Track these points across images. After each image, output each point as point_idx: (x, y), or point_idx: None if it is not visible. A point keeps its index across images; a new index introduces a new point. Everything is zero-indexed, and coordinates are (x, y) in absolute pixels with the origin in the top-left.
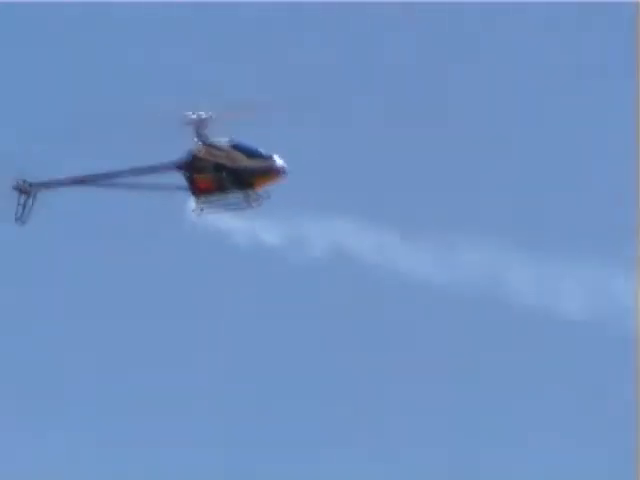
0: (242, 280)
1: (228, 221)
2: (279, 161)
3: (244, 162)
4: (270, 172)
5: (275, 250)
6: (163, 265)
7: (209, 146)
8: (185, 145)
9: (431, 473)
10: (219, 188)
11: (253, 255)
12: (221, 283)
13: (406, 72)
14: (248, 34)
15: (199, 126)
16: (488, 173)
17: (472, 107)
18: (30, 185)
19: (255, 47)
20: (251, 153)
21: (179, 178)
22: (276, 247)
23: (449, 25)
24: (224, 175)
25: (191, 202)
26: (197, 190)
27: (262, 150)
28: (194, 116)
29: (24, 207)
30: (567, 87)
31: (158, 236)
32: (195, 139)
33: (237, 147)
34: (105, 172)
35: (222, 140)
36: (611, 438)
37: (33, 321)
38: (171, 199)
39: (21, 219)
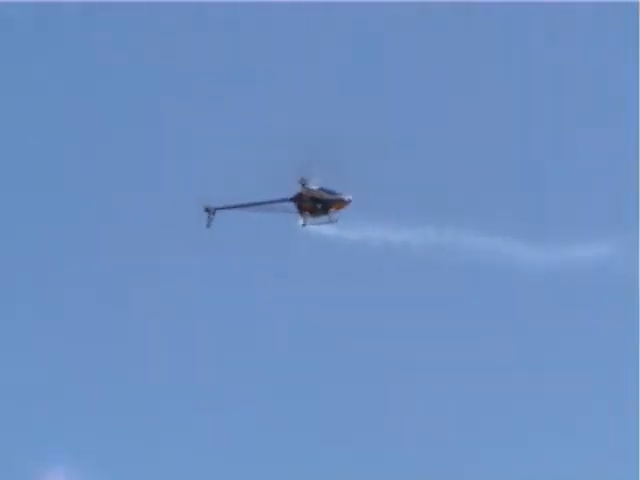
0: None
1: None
2: (346, 197)
3: (326, 197)
4: (341, 202)
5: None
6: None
7: (308, 189)
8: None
9: None
10: (313, 212)
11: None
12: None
13: None
14: None
15: (303, 181)
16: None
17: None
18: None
19: None
20: (330, 192)
21: (292, 207)
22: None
23: None
24: (317, 205)
25: (299, 219)
26: (302, 212)
27: (336, 190)
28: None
29: (209, 220)
30: (566, 87)
31: (285, 238)
32: (301, 185)
33: (322, 189)
34: (254, 202)
35: (315, 186)
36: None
37: None
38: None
39: (208, 226)
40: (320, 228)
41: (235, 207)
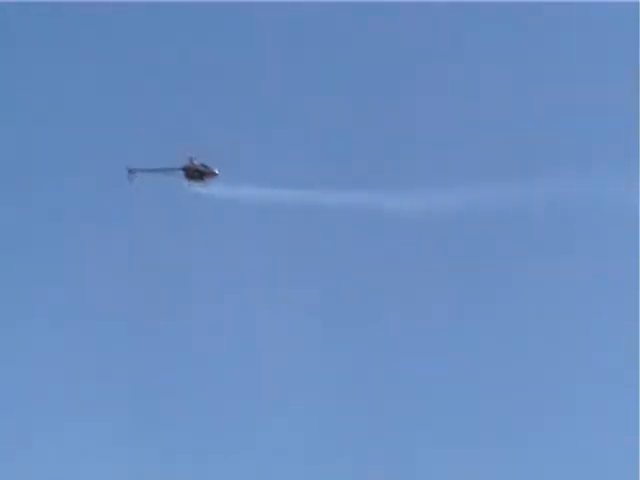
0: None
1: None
2: (215, 170)
3: (203, 169)
4: (212, 174)
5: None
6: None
7: (193, 163)
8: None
9: None
10: (195, 178)
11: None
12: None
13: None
14: None
15: (191, 158)
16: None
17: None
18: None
19: None
20: (206, 167)
21: (182, 174)
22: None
23: None
24: (197, 174)
25: (185, 183)
26: (188, 178)
27: (210, 165)
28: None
29: (131, 178)
30: (567, 86)
31: (176, 193)
32: (189, 160)
33: (202, 164)
34: (160, 167)
35: (197, 162)
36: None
37: None
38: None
39: (130, 182)
40: (197, 188)
41: (149, 170)
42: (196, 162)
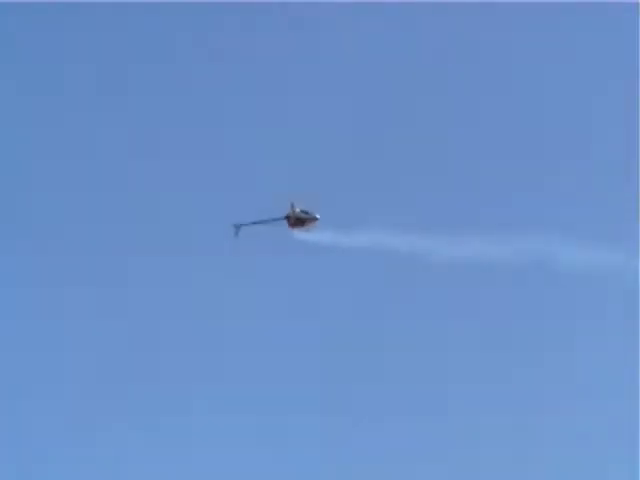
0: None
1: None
2: (316, 215)
3: (304, 216)
4: (313, 219)
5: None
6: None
7: (294, 211)
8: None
9: None
10: (297, 225)
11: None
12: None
13: None
14: None
15: (292, 205)
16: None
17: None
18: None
19: None
20: (306, 213)
21: (284, 222)
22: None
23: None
24: (298, 221)
25: (289, 230)
26: (290, 226)
27: (310, 211)
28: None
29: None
30: (567, 86)
31: (283, 240)
32: (290, 208)
33: (302, 211)
34: (263, 219)
35: (298, 208)
36: None
37: None
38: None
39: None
40: (300, 234)
41: (253, 223)
42: (297, 209)
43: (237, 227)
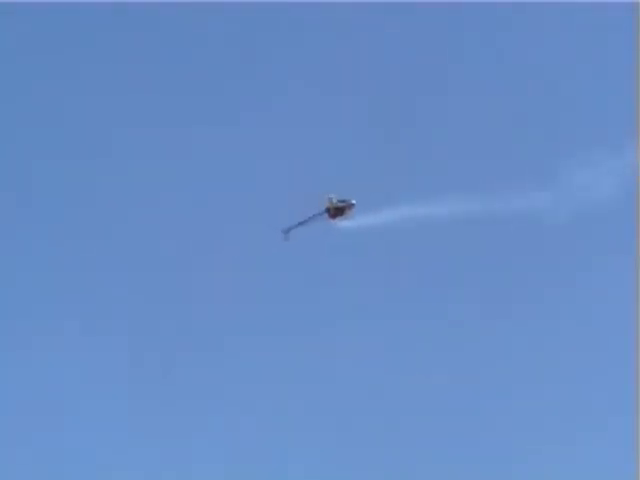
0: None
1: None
2: (353, 201)
3: (341, 205)
4: (351, 206)
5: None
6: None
7: (331, 202)
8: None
9: None
10: (337, 215)
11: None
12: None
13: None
14: None
15: (330, 200)
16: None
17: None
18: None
19: None
20: (343, 201)
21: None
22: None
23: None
24: (338, 211)
25: (329, 221)
26: (331, 217)
27: (347, 199)
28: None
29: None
30: (567, 86)
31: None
32: (328, 200)
33: (339, 200)
34: (307, 218)
35: (335, 199)
36: None
37: None
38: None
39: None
40: (343, 223)
41: (299, 224)
42: (334, 200)
43: (286, 231)
